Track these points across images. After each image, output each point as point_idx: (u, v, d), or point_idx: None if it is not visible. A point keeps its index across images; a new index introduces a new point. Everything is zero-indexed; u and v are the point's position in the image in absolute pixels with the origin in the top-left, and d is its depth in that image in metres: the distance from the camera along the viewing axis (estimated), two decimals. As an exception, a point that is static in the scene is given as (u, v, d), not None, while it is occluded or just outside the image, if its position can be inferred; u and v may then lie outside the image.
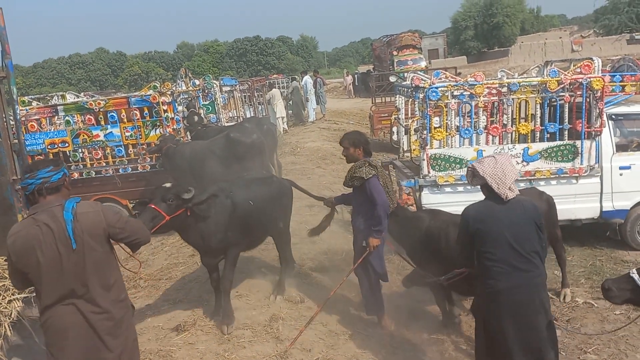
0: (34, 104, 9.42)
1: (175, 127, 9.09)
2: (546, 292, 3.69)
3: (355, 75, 33.04)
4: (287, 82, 22.71)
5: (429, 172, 6.64)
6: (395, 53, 25.71)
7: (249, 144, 8.20)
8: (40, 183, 3.06)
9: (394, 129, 10.91)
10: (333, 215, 5.70)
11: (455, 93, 6.60)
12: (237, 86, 13.85)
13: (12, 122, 4.87)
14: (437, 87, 6.50)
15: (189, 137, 9.75)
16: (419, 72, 9.33)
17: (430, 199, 6.65)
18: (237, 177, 5.81)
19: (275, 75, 26.30)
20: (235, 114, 13.16)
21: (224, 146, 8.27)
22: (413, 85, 6.75)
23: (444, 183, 6.65)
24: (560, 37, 40.58)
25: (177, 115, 9.41)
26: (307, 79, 19.68)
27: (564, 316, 5.48)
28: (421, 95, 6.57)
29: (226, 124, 11.19)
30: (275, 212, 5.67)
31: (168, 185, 4.67)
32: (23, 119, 8.50)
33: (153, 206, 4.44)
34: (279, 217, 5.77)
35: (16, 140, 4.65)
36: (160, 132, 8.90)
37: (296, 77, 21.53)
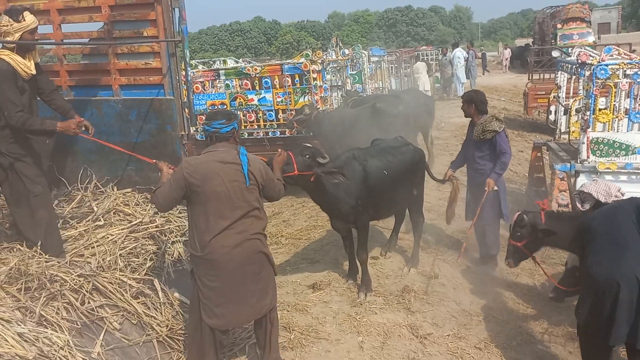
0: (200, 67, 10.29)
1: (322, 95, 9.36)
2: None
3: (510, 49, 31.01)
4: (436, 54, 22.05)
5: (588, 156, 6.08)
6: (559, 26, 23.51)
7: (393, 115, 8.15)
8: (212, 131, 3.61)
9: (552, 108, 10.10)
10: (458, 189, 5.95)
11: (628, 72, 5.92)
12: (385, 57, 13.79)
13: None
14: (607, 65, 5.87)
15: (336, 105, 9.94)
16: (586, 47, 8.50)
17: (586, 186, 6.12)
18: (373, 145, 5.72)
19: (424, 47, 25.64)
20: (382, 85, 13.14)
21: (369, 115, 8.31)
22: (579, 61, 6.19)
23: (605, 170, 6.06)
24: None
25: (325, 83, 9.65)
26: (457, 52, 18.91)
27: None
28: (587, 73, 6.00)
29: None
30: (409, 183, 5.59)
31: (309, 145, 4.89)
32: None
33: (290, 154, 4.58)
34: (413, 187, 5.69)
35: (186, 100, 5.14)
36: (309, 100, 9.22)
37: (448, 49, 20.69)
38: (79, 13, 5.17)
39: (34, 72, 4.08)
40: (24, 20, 3.90)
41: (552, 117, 10.08)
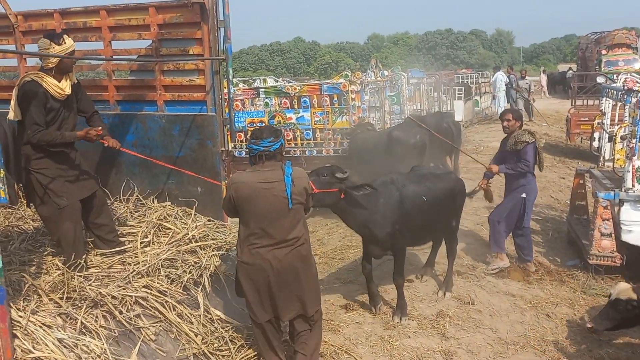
0: (240, 85, 10.49)
1: (360, 115, 9.39)
2: None
3: (547, 75, 30.48)
4: (476, 77, 21.85)
5: (633, 185, 5.90)
6: (604, 52, 23.00)
7: (409, 144, 8.08)
8: (262, 150, 3.62)
9: (596, 134, 9.88)
10: (491, 193, 6.45)
11: (678, 100, 5.74)
12: (425, 79, 13.75)
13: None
14: (655, 92, 5.73)
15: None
16: (632, 74, 8.30)
17: (631, 216, 5.91)
18: (413, 170, 5.67)
19: (464, 70, 25.50)
20: (420, 107, 13.09)
21: (386, 143, 8.32)
22: (625, 87, 6.05)
23: (651, 200, 5.86)
24: None
25: (364, 104, 9.69)
26: (499, 75, 18.71)
27: None
28: (634, 100, 5.85)
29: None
30: (448, 211, 5.50)
31: (332, 165, 4.91)
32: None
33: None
34: (452, 217, 5.62)
35: (227, 117, 5.25)
36: (347, 120, 9.29)
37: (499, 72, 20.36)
38: (128, 31, 5.36)
39: (68, 92, 4.19)
40: (64, 43, 4.05)
41: (595, 144, 9.84)
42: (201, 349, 3.98)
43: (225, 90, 5.23)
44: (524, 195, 6.05)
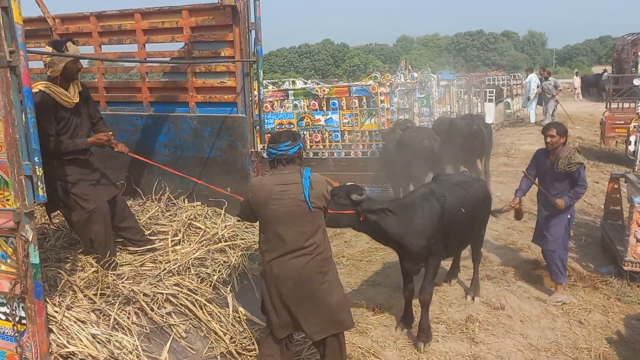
0: (270, 87, 10.58)
1: (389, 117, 9.36)
2: None
3: (581, 77, 29.79)
4: (507, 79, 21.54)
5: (671, 190, 5.74)
6: (640, 53, 22.43)
7: (415, 148, 7.99)
8: (280, 154, 3.57)
9: (632, 138, 9.64)
10: (522, 212, 6.07)
11: None
12: (455, 81, 13.62)
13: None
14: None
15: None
16: (671, 76, 8.09)
17: (668, 221, 5.76)
18: (437, 179, 5.39)
19: (495, 72, 25.14)
20: (450, 109, 12.97)
21: (397, 147, 8.26)
22: (663, 90, 5.90)
23: (690, 205, 5.69)
24: None
25: (393, 106, 9.65)
26: (532, 77, 18.38)
27: None
28: (673, 102, 5.70)
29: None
30: (478, 220, 5.32)
31: (350, 183, 4.63)
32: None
33: None
34: (482, 224, 5.49)
35: (257, 118, 5.29)
36: (375, 122, 9.27)
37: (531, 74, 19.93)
38: (162, 33, 5.45)
39: (76, 100, 4.21)
40: (67, 51, 4.01)
41: (631, 147, 9.60)
42: (229, 348, 4.02)
43: (256, 92, 5.28)
44: (569, 216, 5.69)
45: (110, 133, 4.37)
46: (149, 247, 4.66)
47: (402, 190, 8.55)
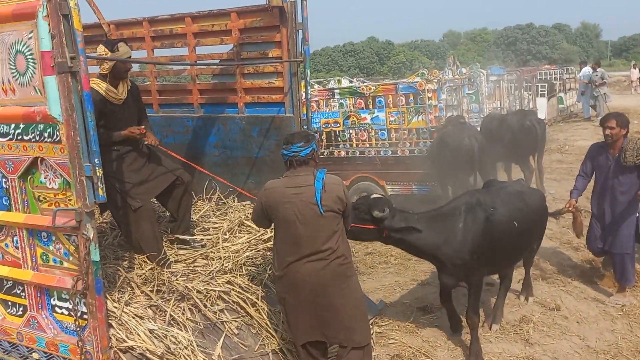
0: (315, 86, 10.61)
1: (437, 114, 9.22)
2: None
3: (638, 69, 28.40)
4: (559, 72, 20.81)
5: None
6: None
7: (455, 147, 7.78)
8: (292, 155, 3.50)
9: (695, 131, 9.15)
10: (582, 221, 5.62)
11: None
12: (505, 76, 13.27)
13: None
14: None
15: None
16: None
17: None
18: (489, 187, 5.00)
19: (546, 66, 24.36)
20: (500, 105, 12.66)
21: (438, 145, 8.10)
22: None
23: None
24: None
25: (440, 103, 9.50)
26: (586, 70, 17.72)
27: None
28: None
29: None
30: (533, 235, 4.88)
31: (376, 195, 4.44)
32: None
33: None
34: (538, 238, 5.08)
35: (304, 117, 5.33)
36: (423, 119, 9.14)
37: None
38: (212, 36, 5.56)
39: (123, 97, 4.36)
40: (118, 50, 4.17)
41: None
42: (280, 345, 4.07)
43: (303, 92, 5.31)
44: (637, 214, 5.32)
45: (142, 127, 4.44)
46: (201, 245, 4.77)
47: (450, 189, 8.43)
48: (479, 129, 9.06)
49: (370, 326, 4.65)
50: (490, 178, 6.13)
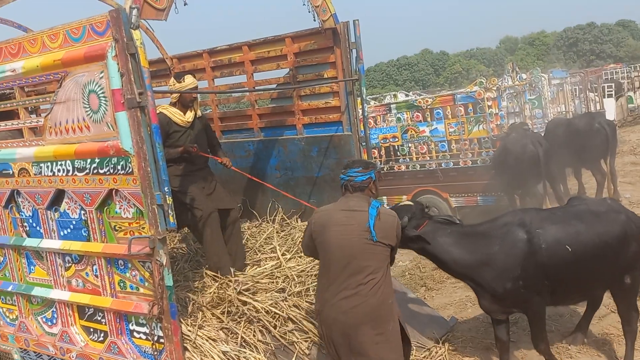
0: (372, 102, 10.63)
1: (498, 122, 9.00)
2: None
3: None
4: (627, 71, 19.84)
5: None
6: None
7: (518, 154, 7.50)
8: (347, 179, 3.42)
9: None
10: None
11: None
12: (568, 79, 12.82)
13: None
14: None
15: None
16: None
17: None
18: (569, 204, 4.39)
19: (612, 65, 23.30)
20: (565, 109, 12.21)
21: (500, 153, 7.83)
22: None
23: None
24: None
25: (501, 111, 9.26)
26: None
27: None
28: None
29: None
30: (613, 264, 4.02)
31: (403, 204, 4.26)
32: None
33: None
34: (622, 271, 4.07)
35: (362, 135, 5.34)
36: (484, 128, 8.95)
37: None
38: (268, 62, 5.72)
39: (189, 120, 4.80)
40: (183, 81, 4.68)
41: None
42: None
43: (360, 109, 5.34)
44: None
45: (195, 145, 4.75)
46: (267, 266, 4.85)
47: (517, 199, 8.17)
48: (542, 135, 8.77)
49: (442, 344, 4.59)
50: (559, 185, 5.83)
